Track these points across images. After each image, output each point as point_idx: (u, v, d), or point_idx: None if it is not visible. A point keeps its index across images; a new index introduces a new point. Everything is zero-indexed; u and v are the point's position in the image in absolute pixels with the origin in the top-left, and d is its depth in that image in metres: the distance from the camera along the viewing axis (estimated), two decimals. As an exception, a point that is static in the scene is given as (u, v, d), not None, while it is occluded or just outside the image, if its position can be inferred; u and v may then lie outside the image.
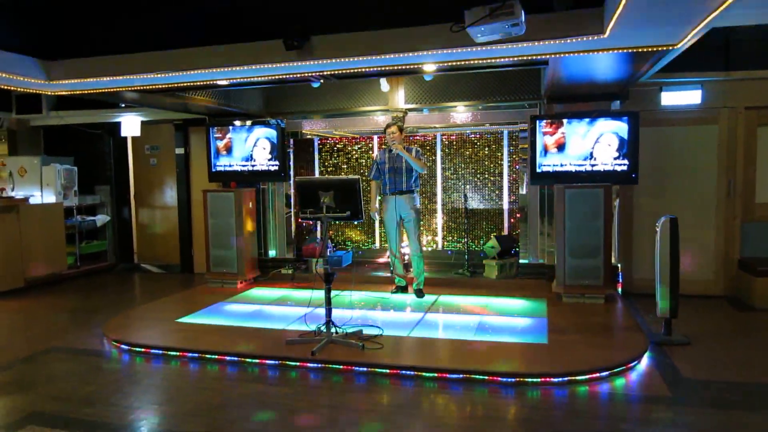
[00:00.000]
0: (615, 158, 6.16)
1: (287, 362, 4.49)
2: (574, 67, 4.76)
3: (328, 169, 8.19)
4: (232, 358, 4.64)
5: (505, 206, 7.53)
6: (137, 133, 8.48)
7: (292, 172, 8.05)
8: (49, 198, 8.19)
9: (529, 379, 4.00)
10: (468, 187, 7.66)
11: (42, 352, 5.00)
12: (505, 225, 7.53)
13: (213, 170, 7.74)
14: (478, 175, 7.61)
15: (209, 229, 7.32)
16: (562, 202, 6.05)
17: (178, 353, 4.79)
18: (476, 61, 4.09)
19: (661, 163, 6.49)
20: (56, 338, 5.41)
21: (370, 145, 8.04)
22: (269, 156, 7.41)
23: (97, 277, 8.51)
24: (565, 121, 6.35)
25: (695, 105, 6.35)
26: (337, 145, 8.16)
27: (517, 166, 7.27)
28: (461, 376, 4.09)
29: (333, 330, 4.86)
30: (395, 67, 4.31)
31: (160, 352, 4.83)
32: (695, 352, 4.64)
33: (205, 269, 7.44)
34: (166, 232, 8.91)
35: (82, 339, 5.35)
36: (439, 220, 7.81)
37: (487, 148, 7.59)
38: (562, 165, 6.32)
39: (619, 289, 6.40)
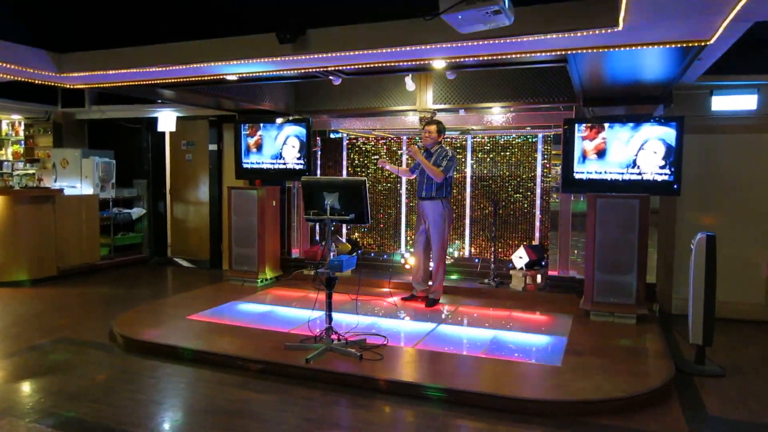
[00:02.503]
0: (661, 167, 5.65)
1: (279, 368, 4.33)
2: (598, 66, 4.36)
3: (356, 169, 8.00)
4: (228, 359, 4.52)
5: (537, 214, 7.10)
6: (173, 128, 8.59)
7: (319, 171, 7.93)
8: (88, 190, 8.40)
9: (527, 405, 3.65)
10: (498, 193, 7.28)
11: (51, 341, 5.06)
12: (536, 234, 7.10)
13: (241, 167, 7.71)
14: (510, 181, 7.22)
15: (232, 226, 7.29)
16: (593, 212, 5.61)
17: (176, 351, 4.71)
18: (485, 57, 3.78)
19: (709, 174, 5.92)
20: (70, 328, 5.47)
21: (399, 143, 7.79)
22: (298, 154, 7.31)
23: (130, 269, 8.67)
24: (606, 125, 5.90)
25: (750, 111, 5.76)
26: (366, 145, 7.96)
27: (551, 173, 6.84)
28: (443, 395, 3.80)
29: (335, 337, 4.66)
30: (398, 63, 4.06)
31: (159, 349, 4.78)
32: (729, 385, 4.14)
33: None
34: (198, 228, 8.98)
35: (93, 331, 5.38)
36: (466, 226, 7.47)
37: (519, 152, 7.19)
38: (602, 172, 5.86)
39: (656, 310, 5.89)
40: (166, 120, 8.50)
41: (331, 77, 5.66)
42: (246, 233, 7.19)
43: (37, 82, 4.92)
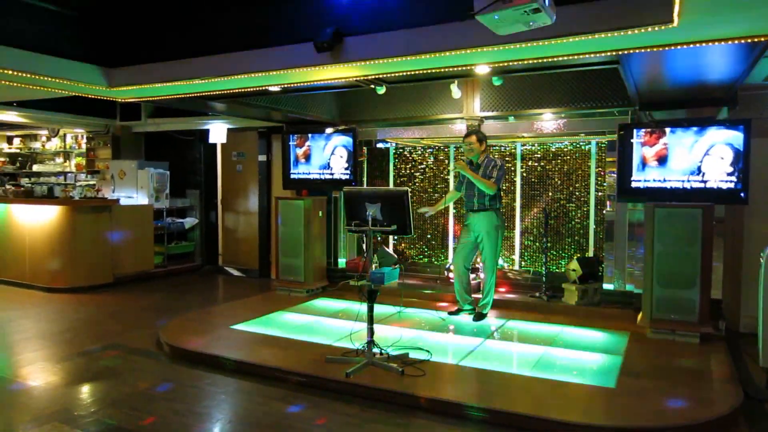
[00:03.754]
0: (728, 173, 5.27)
1: (319, 381, 4.25)
2: (654, 67, 4.09)
3: (403, 179, 7.89)
4: (268, 371, 4.48)
5: (591, 225, 6.77)
6: (223, 140, 8.76)
7: (365, 181, 7.87)
8: (144, 200, 8.66)
9: (576, 430, 3.41)
10: (549, 202, 7.00)
11: (101, 347, 5.18)
12: (591, 246, 6.77)
13: (289, 177, 7.75)
14: (562, 190, 6.93)
15: (279, 236, 7.31)
16: (651, 223, 5.28)
17: (217, 361, 4.72)
18: (530, 61, 3.60)
19: (780, 182, 5.48)
20: (120, 335, 5.59)
21: (446, 152, 7.63)
22: (345, 164, 7.28)
23: (182, 277, 8.86)
24: (668, 130, 5.58)
25: (827, 113, 5.30)
26: (413, 155, 7.85)
27: (606, 181, 6.51)
28: (485, 415, 3.61)
29: (377, 351, 4.54)
30: (439, 70, 3.92)
31: (202, 358, 4.80)
32: (806, 415, 3.76)
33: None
34: (248, 237, 9.09)
35: (142, 338, 5.48)
36: (517, 237, 7.22)
37: (571, 160, 6.89)
38: (662, 180, 5.53)
39: (722, 328, 5.46)
40: (217, 132, 8.67)
41: (377, 85, 5.60)
42: (292, 243, 7.20)
43: (90, 96, 5.09)
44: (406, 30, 3.42)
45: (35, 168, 10.91)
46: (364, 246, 7.96)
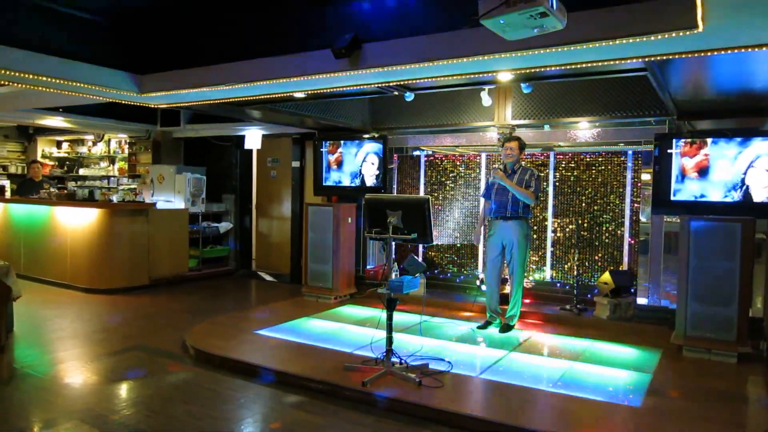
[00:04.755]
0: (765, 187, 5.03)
1: (336, 389, 4.23)
2: (688, 74, 3.93)
3: (434, 187, 7.83)
4: (286, 377, 4.49)
5: (626, 237, 6.54)
6: (258, 146, 8.89)
7: (395, 189, 7.85)
8: (181, 204, 8.87)
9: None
10: (582, 213, 6.80)
11: (128, 348, 5.30)
12: (625, 259, 6.54)
13: (323, 184, 7.80)
14: (597, 201, 6.73)
15: (308, 242, 7.35)
16: (686, 236, 5.06)
17: (238, 366, 4.76)
18: (552, 68, 3.51)
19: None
20: (150, 336, 5.72)
21: (478, 160, 7.53)
22: (377, 172, 7.29)
23: (216, 280, 9.01)
24: (709, 140, 5.36)
25: None
26: (444, 163, 7.78)
27: (641, 192, 6.28)
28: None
29: (397, 360, 4.49)
30: (459, 76, 3.86)
31: (223, 361, 4.85)
32: None
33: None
34: (281, 243, 9.18)
35: (170, 340, 5.57)
36: (548, 248, 7.04)
37: (606, 170, 6.68)
38: (702, 193, 5.31)
39: (764, 348, 5.17)
40: (253, 138, 8.81)
41: (402, 93, 5.58)
42: (321, 250, 7.23)
43: (123, 102, 5.24)
44: (423, 36, 3.38)
45: (81, 172, 11.34)
46: (393, 254, 8.00)
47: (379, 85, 4.41)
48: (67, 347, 5.32)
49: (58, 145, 11.92)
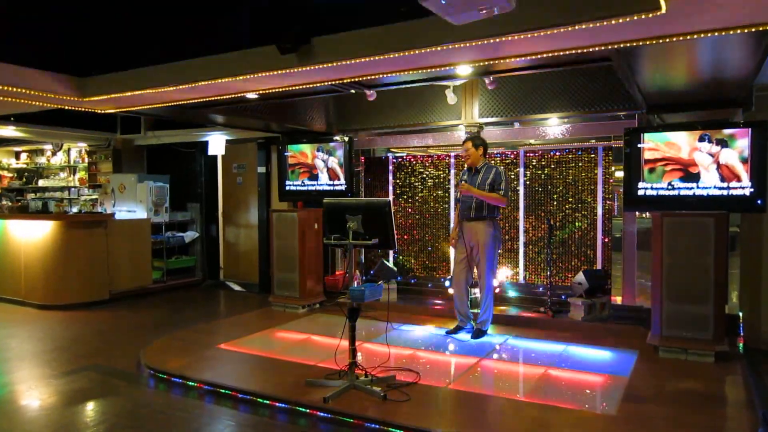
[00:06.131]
0: (741, 179, 4.89)
1: (296, 407, 3.96)
2: (652, 64, 3.76)
3: (403, 189, 7.61)
4: (244, 394, 4.22)
5: (599, 236, 6.39)
6: (222, 151, 8.60)
7: (363, 192, 7.61)
8: (143, 214, 8.51)
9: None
10: (554, 212, 6.64)
11: (79, 368, 4.96)
12: (599, 257, 6.38)
13: (284, 189, 7.54)
14: (568, 199, 6.57)
15: (274, 250, 7.08)
16: (659, 233, 4.91)
17: (195, 384, 4.47)
18: (511, 60, 3.31)
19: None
20: (104, 354, 5.38)
21: (447, 161, 7.33)
22: (341, 175, 7.05)
23: (181, 292, 8.66)
24: (679, 134, 5.21)
25: None
26: (413, 164, 7.56)
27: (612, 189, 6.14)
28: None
29: (362, 372, 4.25)
30: (424, 70, 3.64)
31: (180, 381, 4.56)
32: (832, 448, 3.34)
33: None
34: (248, 251, 8.89)
35: (125, 358, 5.25)
36: (520, 249, 6.86)
37: (576, 167, 6.53)
38: (672, 187, 5.16)
39: (740, 346, 5.05)
40: (216, 143, 8.51)
41: (366, 91, 5.35)
42: (287, 257, 6.96)
43: (66, 107, 4.93)
44: (375, 28, 3.16)
45: (41, 183, 10.91)
46: (362, 260, 7.77)
47: (334, 82, 4.16)
48: (12, 369, 4.97)
49: (17, 155, 11.46)
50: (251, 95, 4.58)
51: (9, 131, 8.28)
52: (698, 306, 4.71)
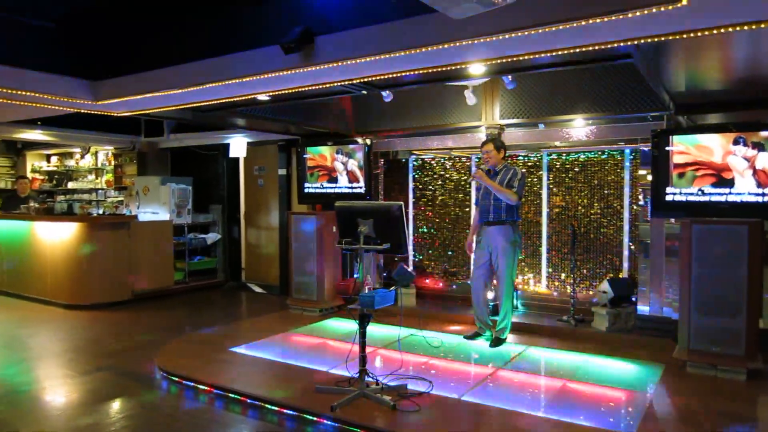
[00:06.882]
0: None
1: (304, 414, 3.87)
2: (678, 62, 3.54)
3: (424, 192, 7.47)
4: (252, 400, 4.15)
5: (625, 242, 6.14)
6: (243, 153, 8.59)
7: (382, 195, 7.51)
8: (166, 216, 8.57)
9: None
10: (578, 217, 6.41)
11: (96, 369, 4.97)
12: (625, 265, 6.13)
13: (304, 191, 7.49)
14: (593, 203, 6.33)
15: (292, 253, 7.03)
16: (687, 241, 4.66)
17: (206, 388, 4.42)
18: (523, 57, 3.15)
19: None
20: (121, 355, 5.39)
21: (468, 163, 7.17)
22: (360, 177, 6.96)
23: (202, 293, 8.69)
24: (712, 136, 4.96)
25: None
26: (433, 166, 7.42)
27: (642, 198, 5.88)
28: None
29: (373, 379, 4.14)
30: (429, 70, 3.50)
31: (191, 384, 4.52)
32: None
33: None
34: (269, 253, 8.86)
35: (141, 359, 5.25)
36: (543, 255, 6.64)
37: (601, 171, 6.29)
38: (703, 192, 4.90)
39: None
40: (237, 146, 8.52)
41: (382, 93, 5.25)
42: (306, 260, 6.90)
43: (82, 111, 4.96)
44: (380, 25, 3.04)
45: (70, 185, 11.12)
46: (381, 263, 7.65)
47: (343, 83, 4.06)
48: (30, 369, 5.02)
49: (48, 159, 11.72)
50: (262, 97, 4.52)
51: (37, 135, 8.44)
52: (729, 319, 4.45)
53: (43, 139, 8.91)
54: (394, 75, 3.64)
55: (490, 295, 5.79)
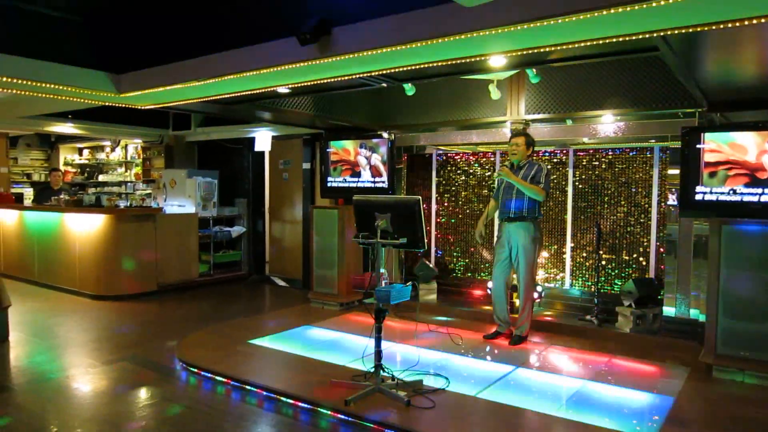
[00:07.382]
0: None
1: (318, 408, 3.87)
2: (714, 55, 3.40)
3: (448, 188, 7.40)
4: (266, 392, 4.17)
5: (653, 241, 5.97)
6: (269, 147, 8.64)
7: (404, 190, 7.46)
8: (192, 209, 8.68)
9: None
10: (604, 215, 6.26)
11: (118, 359, 5.06)
12: (652, 265, 5.97)
13: (327, 185, 7.50)
14: (620, 202, 6.18)
15: (314, 247, 7.05)
16: (716, 242, 4.51)
17: (223, 379, 4.46)
18: (546, 49, 3.06)
19: None
20: (143, 346, 5.47)
21: (492, 159, 7.08)
22: (384, 172, 6.93)
23: (227, 286, 8.78)
24: (745, 134, 4.77)
25: None
26: (458, 162, 7.34)
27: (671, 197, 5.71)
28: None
29: (389, 374, 4.12)
30: (449, 62, 3.43)
31: (209, 375, 4.56)
32: None
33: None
34: (293, 247, 8.90)
35: (162, 350, 5.34)
36: (567, 253, 6.52)
37: (629, 169, 6.13)
38: (735, 191, 4.73)
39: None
40: (263, 140, 8.57)
41: (390, 83, 5.19)
42: (327, 254, 6.92)
43: (107, 104, 5.03)
44: (397, 15, 3.00)
45: (101, 178, 11.36)
46: (403, 258, 7.61)
47: (362, 75, 4.02)
48: (54, 358, 5.14)
49: (80, 152, 12.00)
50: (282, 89, 4.53)
51: (68, 128, 8.64)
52: (759, 323, 4.29)
53: (74, 132, 9.11)
54: (415, 67, 3.60)
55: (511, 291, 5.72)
